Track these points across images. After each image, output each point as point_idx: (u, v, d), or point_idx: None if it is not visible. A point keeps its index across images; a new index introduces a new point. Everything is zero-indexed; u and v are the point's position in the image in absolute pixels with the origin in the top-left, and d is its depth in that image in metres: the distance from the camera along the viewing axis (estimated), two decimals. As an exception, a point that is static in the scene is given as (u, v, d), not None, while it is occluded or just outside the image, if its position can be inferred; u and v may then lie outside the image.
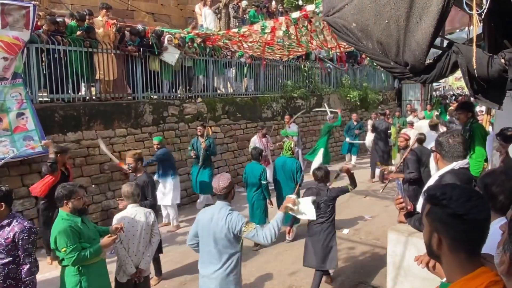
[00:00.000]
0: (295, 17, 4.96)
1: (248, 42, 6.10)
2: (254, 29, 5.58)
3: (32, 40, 6.14)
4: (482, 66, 2.39)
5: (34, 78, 6.33)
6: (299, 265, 5.30)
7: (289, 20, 4.99)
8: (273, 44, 5.78)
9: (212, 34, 6.95)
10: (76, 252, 3.14)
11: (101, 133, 6.96)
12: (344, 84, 13.62)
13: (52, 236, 3.22)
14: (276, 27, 5.23)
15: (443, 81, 27.50)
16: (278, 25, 5.20)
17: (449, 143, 2.55)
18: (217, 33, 6.65)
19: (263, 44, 5.84)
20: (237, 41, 6.30)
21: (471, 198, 1.29)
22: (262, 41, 5.74)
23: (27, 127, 5.89)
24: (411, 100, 17.09)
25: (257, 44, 6.00)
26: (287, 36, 5.32)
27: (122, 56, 7.56)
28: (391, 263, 3.17)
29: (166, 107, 8.14)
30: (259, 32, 5.46)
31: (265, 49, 6.25)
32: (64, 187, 3.30)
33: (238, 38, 6.13)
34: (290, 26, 5.08)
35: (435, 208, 1.35)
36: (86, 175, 6.71)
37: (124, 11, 12.60)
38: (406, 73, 2.66)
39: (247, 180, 6.16)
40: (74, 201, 3.26)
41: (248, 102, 10.01)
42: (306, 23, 4.95)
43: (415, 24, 2.46)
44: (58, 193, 3.27)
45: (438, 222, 1.32)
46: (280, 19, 5.30)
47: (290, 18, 4.98)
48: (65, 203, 3.25)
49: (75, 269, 3.22)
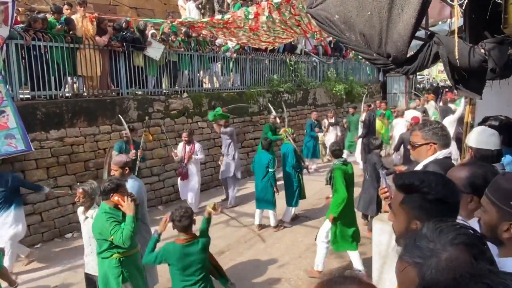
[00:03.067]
0: (277, 1, 4.92)
1: (233, 28, 6.02)
2: (238, 15, 5.52)
3: (11, 36, 6.00)
4: (463, 57, 2.42)
5: (14, 75, 6.18)
6: (287, 258, 5.35)
7: (272, 5, 4.95)
8: (258, 29, 5.71)
9: (196, 22, 6.84)
10: (120, 230, 3.24)
11: (85, 130, 6.86)
12: (330, 77, 13.68)
13: (96, 229, 3.34)
14: (259, 13, 5.18)
15: (427, 74, 27.88)
16: (261, 10, 5.15)
17: (444, 130, 2.56)
18: (200, 21, 6.54)
19: (248, 29, 5.78)
20: (222, 27, 6.19)
21: (447, 183, 1.38)
22: (248, 26, 5.68)
23: (8, 125, 5.77)
24: (396, 93, 17.30)
25: (242, 30, 5.91)
26: (271, 21, 5.28)
27: (105, 52, 7.43)
28: (377, 253, 3.22)
29: (151, 103, 8.06)
30: (243, 18, 5.40)
31: (250, 36, 6.16)
32: (111, 181, 3.41)
33: (222, 25, 6.03)
34: (273, 11, 5.04)
35: (412, 197, 1.38)
36: (70, 173, 6.61)
37: (106, 6, 12.39)
38: (389, 65, 2.67)
39: (255, 168, 6.56)
40: (119, 195, 3.35)
41: (235, 96, 9.97)
42: (289, 7, 4.92)
43: (397, 15, 2.47)
44: (105, 187, 3.37)
45: (417, 210, 1.36)
46: (262, 4, 5.25)
47: (272, 3, 4.93)
48: (111, 197, 3.33)
49: (116, 261, 3.37)
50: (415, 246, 0.98)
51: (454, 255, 0.91)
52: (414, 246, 0.99)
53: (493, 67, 2.50)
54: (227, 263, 5.27)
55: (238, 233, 6.36)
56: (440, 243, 0.94)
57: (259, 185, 6.46)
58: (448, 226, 0.98)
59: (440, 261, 0.92)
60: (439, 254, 0.93)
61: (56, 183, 6.39)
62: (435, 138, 2.52)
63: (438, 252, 0.93)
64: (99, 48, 7.28)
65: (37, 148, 6.13)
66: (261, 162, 6.42)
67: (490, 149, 2.66)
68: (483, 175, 1.76)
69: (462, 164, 2.15)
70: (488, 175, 1.72)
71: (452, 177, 1.59)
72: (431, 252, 0.94)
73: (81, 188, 3.77)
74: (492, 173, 1.75)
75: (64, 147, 6.56)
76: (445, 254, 0.92)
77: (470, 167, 1.86)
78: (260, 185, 6.44)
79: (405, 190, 1.41)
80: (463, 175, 1.80)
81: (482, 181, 1.70)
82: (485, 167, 1.87)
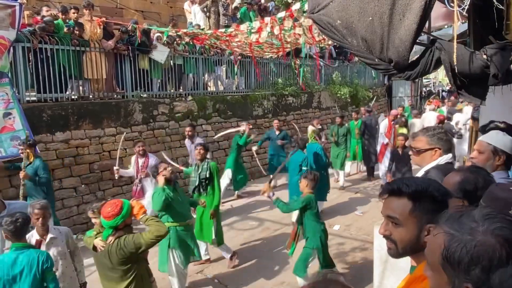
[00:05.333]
0: (280, 17, 4.96)
1: (235, 42, 6.12)
2: (241, 29, 5.59)
3: (18, 39, 6.07)
4: (463, 62, 2.42)
5: (21, 78, 6.26)
6: (291, 262, 5.32)
7: (275, 21, 4.99)
8: (259, 43, 5.79)
9: (200, 33, 6.92)
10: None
11: (90, 132, 6.92)
12: (335, 81, 13.66)
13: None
14: (262, 28, 5.23)
15: (433, 77, 27.73)
16: (264, 25, 5.20)
17: (446, 136, 2.55)
18: (204, 33, 6.62)
19: (249, 44, 5.87)
20: (225, 40, 6.29)
21: (442, 185, 1.46)
22: (248, 42, 5.76)
23: (14, 127, 5.84)
24: (401, 97, 17.23)
25: (243, 44, 6.02)
26: (270, 35, 5.34)
27: (110, 55, 7.49)
28: (378, 258, 3.20)
29: (156, 106, 8.11)
30: (246, 33, 5.46)
31: (253, 48, 6.26)
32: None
33: (225, 37, 6.13)
34: (275, 27, 5.08)
35: (424, 203, 1.39)
36: (75, 175, 6.66)
37: (113, 9, 12.49)
38: (390, 70, 2.68)
39: (289, 166, 6.73)
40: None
41: (239, 100, 10.00)
42: (292, 23, 4.95)
43: (399, 21, 2.48)
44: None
45: (430, 214, 1.37)
46: (266, 20, 5.30)
47: (276, 19, 4.97)
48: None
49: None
50: (457, 220, 0.99)
51: (489, 242, 0.91)
52: (456, 220, 1.00)
53: (495, 72, 2.50)
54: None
55: (242, 236, 6.36)
56: (482, 227, 0.94)
57: (292, 181, 6.63)
58: (499, 216, 0.97)
59: (473, 241, 0.92)
60: (475, 234, 0.94)
61: (61, 185, 6.44)
62: (440, 143, 2.50)
63: (476, 233, 0.94)
64: (105, 51, 7.34)
65: (42, 150, 6.19)
66: (296, 160, 6.69)
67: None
68: (474, 180, 1.80)
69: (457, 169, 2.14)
70: (479, 180, 1.76)
71: (446, 183, 1.61)
72: (469, 230, 0.95)
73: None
74: (483, 178, 1.80)
75: (69, 149, 6.61)
76: (481, 237, 0.93)
77: (464, 173, 1.88)
78: (293, 182, 6.60)
79: (414, 197, 1.39)
80: (456, 180, 1.82)
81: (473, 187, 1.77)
82: (478, 172, 1.89)
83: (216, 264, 5.40)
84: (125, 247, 2.92)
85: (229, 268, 5.23)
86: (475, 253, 0.91)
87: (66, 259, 3.50)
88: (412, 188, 1.39)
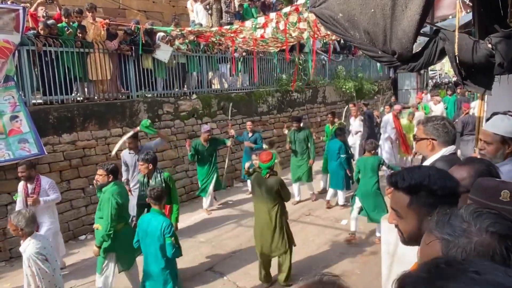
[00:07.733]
0: (285, 11, 4.94)
1: (240, 37, 6.11)
2: (246, 25, 5.59)
3: (23, 42, 6.11)
4: (467, 52, 2.39)
5: (27, 81, 6.31)
6: (297, 257, 5.33)
7: (280, 16, 4.98)
8: (264, 38, 5.78)
9: (205, 31, 6.92)
10: None
11: (96, 133, 6.96)
12: (339, 75, 13.59)
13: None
14: (267, 24, 5.22)
15: (439, 69, 27.49)
16: (270, 21, 5.19)
17: (446, 127, 2.49)
18: (209, 30, 6.62)
19: (253, 40, 5.85)
20: (230, 37, 6.29)
21: (448, 176, 1.41)
22: (253, 37, 5.75)
23: (21, 129, 5.89)
24: (407, 89, 17.08)
25: (248, 39, 6.01)
26: (276, 30, 5.32)
27: (114, 55, 7.53)
28: (385, 252, 3.19)
29: (161, 105, 8.13)
30: (251, 29, 5.46)
31: (257, 43, 6.25)
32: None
33: (230, 34, 6.13)
34: (280, 22, 5.06)
35: (420, 196, 1.38)
36: (83, 176, 6.71)
37: (116, 10, 12.52)
38: (394, 62, 2.65)
39: (328, 154, 7.45)
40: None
41: (244, 97, 9.99)
42: (297, 17, 4.93)
43: (401, 12, 2.45)
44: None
45: (428, 207, 1.36)
46: (271, 15, 5.28)
47: (281, 14, 4.96)
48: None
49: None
50: (447, 224, 0.97)
51: (487, 241, 0.90)
52: (446, 223, 0.97)
53: (500, 61, 2.47)
54: (238, 264, 5.30)
55: (249, 233, 6.36)
56: (475, 227, 0.93)
57: (332, 168, 7.29)
58: (487, 212, 0.96)
59: (470, 243, 0.91)
60: (471, 236, 0.92)
61: (69, 186, 6.50)
62: (435, 134, 2.41)
63: (471, 234, 0.92)
64: (109, 52, 7.37)
65: (50, 152, 6.25)
66: (333, 148, 7.27)
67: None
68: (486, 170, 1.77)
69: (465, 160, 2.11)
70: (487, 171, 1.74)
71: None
72: (462, 232, 0.93)
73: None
74: (494, 168, 1.78)
75: (76, 150, 6.67)
76: (477, 238, 0.91)
77: (471, 165, 1.85)
78: (332, 168, 7.28)
79: (410, 191, 1.39)
80: (464, 173, 1.78)
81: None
82: (484, 164, 1.86)
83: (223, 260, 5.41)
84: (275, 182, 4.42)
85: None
86: (475, 255, 0.89)
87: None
88: (406, 183, 1.39)
